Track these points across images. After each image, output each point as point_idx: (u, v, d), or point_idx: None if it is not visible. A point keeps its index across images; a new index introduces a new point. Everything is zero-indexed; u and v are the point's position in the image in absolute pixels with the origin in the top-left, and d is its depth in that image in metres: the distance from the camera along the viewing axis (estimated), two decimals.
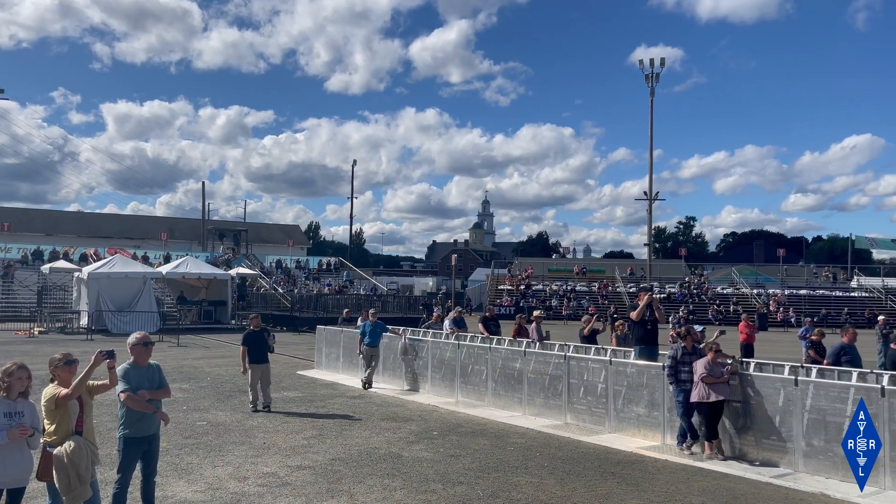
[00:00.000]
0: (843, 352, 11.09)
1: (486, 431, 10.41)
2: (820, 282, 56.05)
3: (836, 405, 7.99)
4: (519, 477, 7.81)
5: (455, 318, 16.59)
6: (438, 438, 9.82)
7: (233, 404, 12.26)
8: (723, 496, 7.22)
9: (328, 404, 12.60)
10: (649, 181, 50.65)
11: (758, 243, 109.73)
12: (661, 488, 7.47)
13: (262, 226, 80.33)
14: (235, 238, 54.01)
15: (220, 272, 35.49)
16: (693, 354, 9.19)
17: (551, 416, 11.28)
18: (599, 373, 10.71)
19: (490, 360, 12.67)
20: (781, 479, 7.91)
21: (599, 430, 10.41)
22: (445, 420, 11.30)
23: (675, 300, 48.10)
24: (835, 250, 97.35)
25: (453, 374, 13.47)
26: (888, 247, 64.80)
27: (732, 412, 8.97)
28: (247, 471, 7.89)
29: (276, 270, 48.02)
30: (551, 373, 11.48)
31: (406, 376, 14.77)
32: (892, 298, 47.94)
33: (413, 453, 8.86)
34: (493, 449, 9.21)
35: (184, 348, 22.62)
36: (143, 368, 5.87)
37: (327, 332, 18.05)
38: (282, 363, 18.17)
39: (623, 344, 13.47)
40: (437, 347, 14.11)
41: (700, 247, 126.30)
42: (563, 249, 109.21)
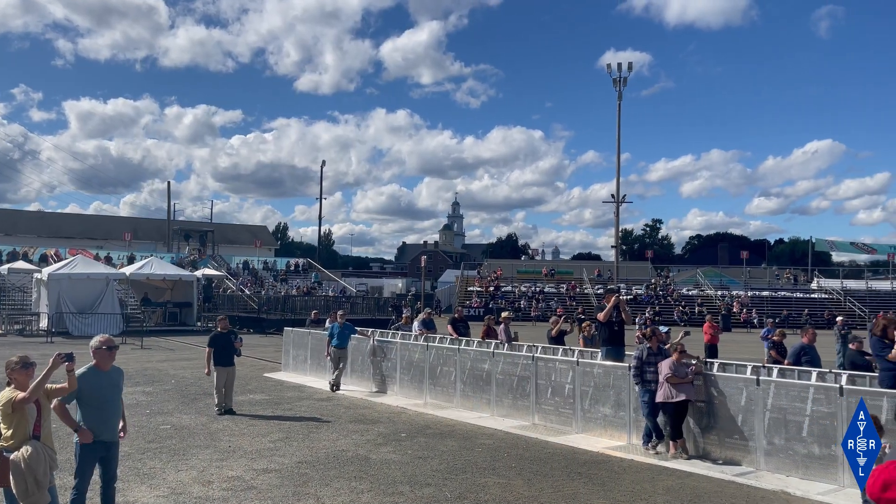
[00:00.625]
0: (803, 352, 11.34)
1: (455, 433, 10.41)
2: (782, 283, 57.31)
3: (797, 404, 8.16)
4: (487, 478, 7.82)
5: (424, 319, 16.56)
6: (406, 440, 9.79)
7: (197, 407, 12.07)
8: (687, 495, 7.33)
9: (295, 407, 12.48)
10: (616, 184, 51.24)
11: (722, 246, 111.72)
12: (627, 488, 7.55)
13: (228, 226, 79.29)
14: (201, 239, 53.22)
15: (186, 273, 34.93)
16: (658, 355, 9.31)
17: (519, 417, 11.33)
18: (567, 374, 10.79)
19: (459, 362, 12.68)
20: (743, 477, 8.05)
21: (567, 430, 10.49)
22: (414, 422, 11.27)
23: (642, 301, 48.72)
24: (796, 253, 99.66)
25: (422, 376, 13.45)
26: (847, 249, 66.55)
27: (697, 412, 9.11)
28: (211, 475, 7.77)
29: (243, 272, 47.44)
30: (519, 374, 11.53)
31: (374, 378, 14.71)
32: (851, 300, 49.21)
33: (381, 455, 8.82)
34: (462, 450, 9.21)
35: (148, 351, 22.22)
36: (104, 373, 5.72)
37: (295, 333, 17.88)
38: (248, 365, 17.96)
39: (590, 345, 13.59)
40: (406, 349, 14.08)
41: (666, 249, 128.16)
42: (532, 251, 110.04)
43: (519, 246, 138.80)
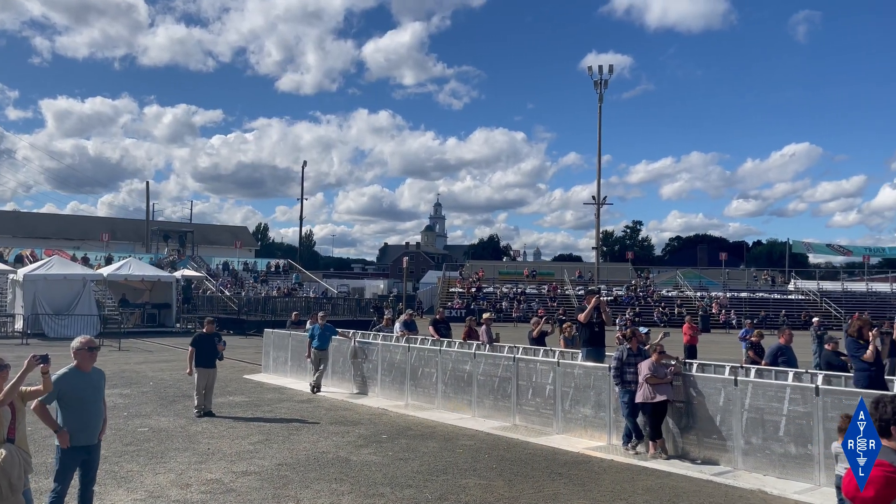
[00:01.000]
0: (780, 353, 11.47)
1: (436, 434, 10.40)
2: (759, 285, 57.98)
3: (774, 404, 8.26)
4: (468, 479, 7.83)
5: (405, 320, 16.52)
6: (387, 442, 9.77)
7: (176, 409, 11.95)
8: (666, 495, 7.38)
9: (275, 409, 12.40)
10: (597, 186, 51.57)
11: (701, 247, 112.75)
12: (607, 488, 7.59)
13: (208, 227, 78.63)
14: (181, 239, 52.73)
15: (165, 274, 34.58)
16: (638, 356, 9.38)
17: (500, 418, 11.35)
18: (548, 374, 10.83)
19: (440, 363, 12.68)
20: (722, 476, 8.13)
21: (547, 431, 10.53)
22: (395, 423, 11.25)
23: (622, 303, 49.04)
24: (773, 254, 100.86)
25: (403, 377, 13.43)
26: (823, 251, 67.55)
27: (676, 412, 9.19)
28: (190, 478, 7.70)
29: (223, 272, 47.05)
30: (500, 375, 11.56)
31: (355, 379, 14.66)
32: (827, 301, 49.92)
33: (361, 457, 8.79)
34: (443, 451, 9.21)
35: (125, 352, 21.95)
36: (84, 374, 5.67)
37: (275, 335, 17.77)
38: (228, 367, 17.81)
39: (571, 345, 13.65)
40: (387, 350, 14.05)
41: (646, 250, 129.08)
42: (513, 252, 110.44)
43: (501, 247, 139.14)
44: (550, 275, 59.99)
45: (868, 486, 2.09)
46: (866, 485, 2.11)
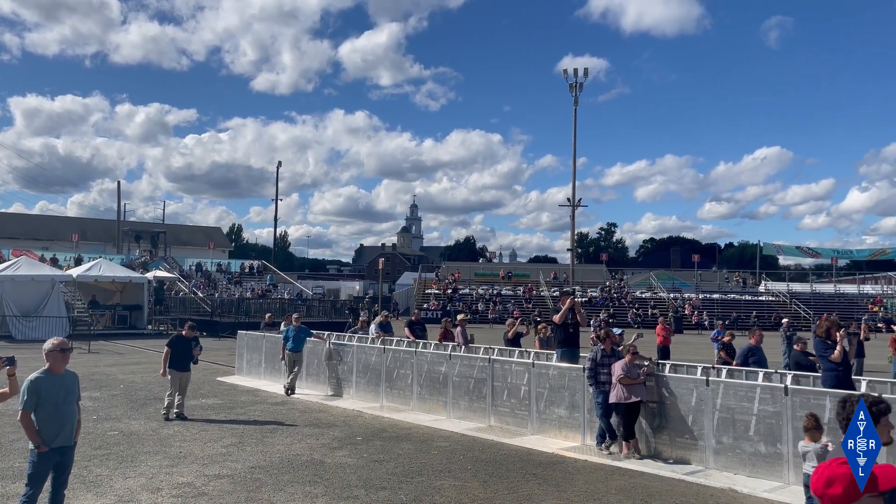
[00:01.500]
0: (751, 353, 11.65)
1: (411, 436, 10.38)
2: (731, 286, 58.84)
3: (744, 404, 8.38)
4: (442, 480, 7.82)
5: (381, 322, 16.48)
6: (362, 444, 9.73)
7: (147, 412, 11.78)
8: (639, 494, 7.45)
9: (249, 411, 12.29)
10: (572, 188, 51.93)
11: (674, 249, 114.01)
12: (581, 488, 7.64)
13: (181, 227, 77.68)
14: (153, 240, 52.00)
15: (136, 275, 34.10)
16: (612, 357, 9.45)
17: (475, 419, 11.36)
18: (523, 375, 10.87)
19: (416, 364, 12.66)
20: (693, 476, 8.23)
21: (522, 431, 10.56)
22: (370, 425, 11.21)
23: (597, 304, 49.42)
24: (745, 256, 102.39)
25: (378, 379, 13.38)
26: (793, 253, 68.78)
27: (649, 412, 9.28)
28: (161, 481, 7.59)
29: (196, 274, 46.52)
30: (476, 376, 11.57)
31: (330, 381, 14.58)
32: (797, 302, 50.80)
33: (336, 459, 8.74)
34: (418, 453, 9.19)
35: (95, 355, 21.58)
36: (57, 377, 5.60)
37: (249, 337, 17.61)
38: (201, 369, 17.57)
39: (546, 346, 13.72)
40: (363, 352, 13.99)
41: (620, 252, 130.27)
42: (489, 254, 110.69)
43: (477, 249, 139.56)
44: (526, 276, 60.26)
45: (835, 483, 2.14)
46: (834, 482, 2.15)
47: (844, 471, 2.17)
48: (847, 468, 2.17)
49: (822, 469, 2.23)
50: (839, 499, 2.14)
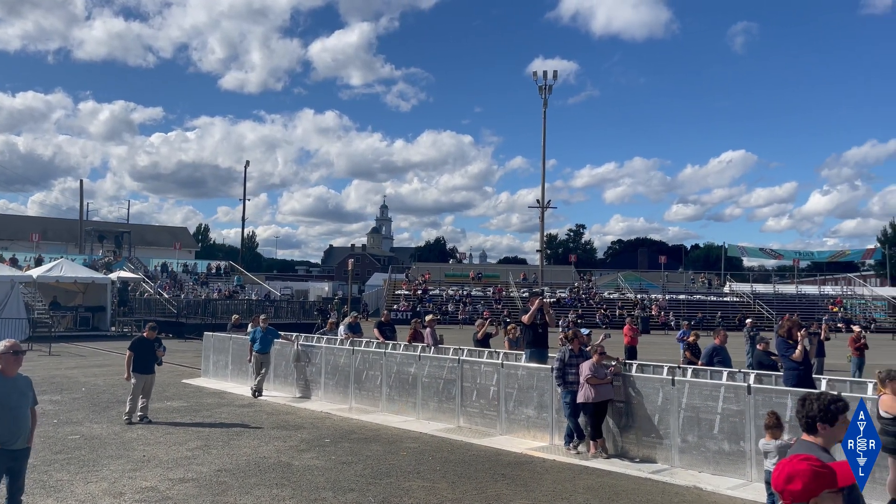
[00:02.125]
0: (715, 353, 11.84)
1: (380, 437, 10.34)
2: (697, 287, 59.80)
3: (709, 403, 8.51)
4: (411, 482, 7.80)
5: (350, 323, 16.38)
6: (330, 446, 9.66)
7: (110, 416, 11.55)
8: (606, 493, 7.52)
9: (215, 413, 12.12)
10: (542, 190, 52.27)
11: (642, 251, 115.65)
12: (549, 488, 7.69)
13: (146, 227, 76.31)
14: (117, 240, 50.98)
15: (99, 276, 33.41)
16: (580, 357, 9.52)
17: (445, 420, 11.36)
18: (492, 376, 10.90)
19: (385, 366, 12.62)
20: (659, 474, 8.33)
21: (491, 432, 10.59)
22: (338, 427, 11.13)
23: (566, 304, 49.81)
24: (710, 258, 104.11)
25: (347, 380, 13.31)
26: (756, 255, 70.15)
27: (616, 412, 9.37)
28: (123, 486, 7.44)
29: (162, 274, 45.74)
30: (445, 377, 11.57)
31: (298, 383, 14.45)
32: (760, 303, 51.81)
33: (304, 461, 8.67)
34: (386, 454, 9.16)
35: (56, 357, 21.10)
36: (10, 380, 5.46)
37: (215, 338, 17.37)
38: (166, 371, 17.30)
39: (515, 347, 13.77)
40: (331, 353, 13.90)
41: (589, 253, 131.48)
42: (459, 255, 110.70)
43: (447, 250, 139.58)
44: (496, 277, 60.49)
45: (795, 479, 2.18)
46: (794, 478, 2.19)
47: (805, 467, 2.22)
48: (807, 464, 2.22)
49: (783, 465, 2.27)
50: (799, 494, 2.19)
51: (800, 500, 2.19)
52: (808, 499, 2.18)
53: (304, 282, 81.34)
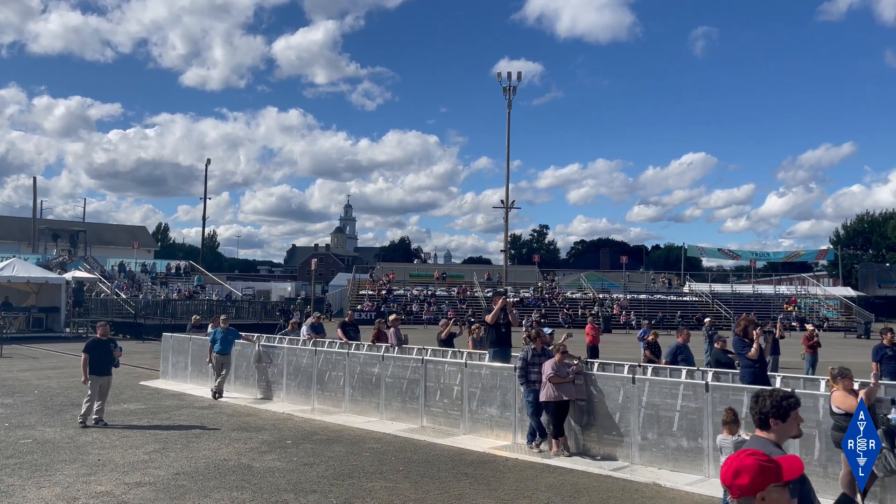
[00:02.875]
0: (679, 351, 12.06)
1: (342, 438, 10.27)
2: (657, 287, 60.78)
3: (668, 401, 8.66)
4: (374, 482, 7.77)
5: (313, 323, 16.26)
6: (292, 447, 9.56)
7: (63, 419, 11.25)
8: (567, 491, 7.59)
9: (174, 416, 11.89)
10: (506, 191, 52.56)
11: (604, 251, 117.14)
12: (511, 486, 7.72)
13: (103, 226, 74.60)
14: (72, 239, 49.72)
15: (53, 276, 32.54)
16: (542, 356, 9.60)
17: (408, 420, 11.34)
18: (455, 376, 10.91)
19: (348, 366, 12.54)
20: (619, 471, 8.44)
21: (455, 431, 10.61)
22: (300, 428, 11.02)
23: (529, 304, 50.16)
24: (670, 258, 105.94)
25: (310, 381, 13.19)
26: (715, 255, 71.56)
27: (578, 410, 9.47)
28: (77, 490, 7.26)
29: (119, 274, 44.75)
30: (409, 377, 11.55)
31: (259, 384, 14.28)
32: (718, 302, 52.89)
33: (265, 463, 8.56)
34: (349, 455, 9.10)
35: (8, 360, 20.47)
36: None
37: (174, 339, 17.06)
38: (123, 373, 16.91)
39: (479, 346, 13.81)
40: (294, 354, 13.76)
41: (552, 254, 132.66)
42: (424, 255, 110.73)
43: (412, 249, 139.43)
44: (460, 277, 60.64)
45: (742, 474, 2.23)
46: (741, 473, 2.24)
47: (752, 462, 2.26)
48: (754, 459, 2.27)
49: (731, 460, 2.31)
50: (746, 489, 2.24)
51: (747, 494, 2.24)
52: (755, 493, 2.23)
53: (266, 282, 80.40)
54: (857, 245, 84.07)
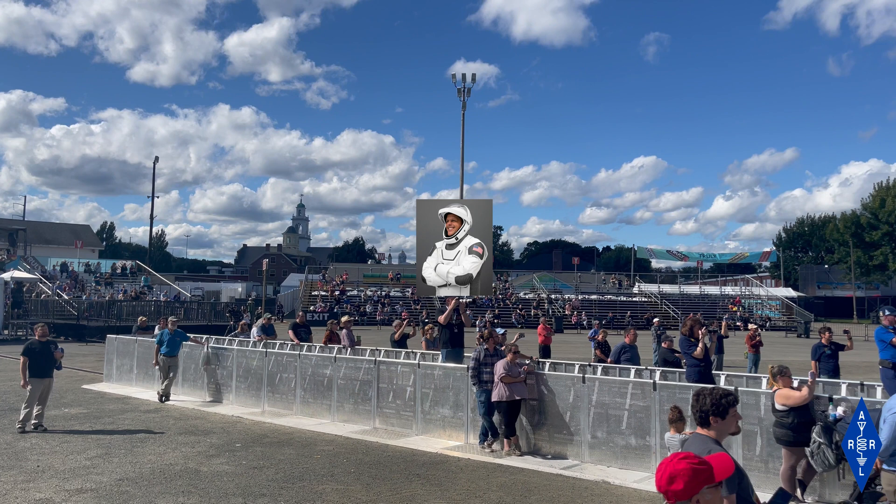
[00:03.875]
0: (623, 350, 12.28)
1: (293, 441, 10.15)
2: (608, 288, 61.79)
3: (617, 399, 8.81)
4: (324, 485, 7.69)
5: (263, 324, 16.02)
6: (241, 450, 9.40)
7: (1, 424, 10.82)
8: (518, 490, 7.65)
9: (118, 420, 11.56)
10: (461, 192, 52.70)
11: (556, 252, 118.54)
12: (463, 486, 7.75)
13: (45, 225, 71.99)
14: (11, 238, 47.95)
15: None
16: (495, 356, 9.66)
17: (360, 422, 11.27)
18: (408, 377, 10.89)
19: (299, 368, 12.39)
20: (570, 470, 8.55)
21: (407, 433, 10.59)
22: (250, 431, 10.85)
23: (482, 305, 50.40)
24: (621, 259, 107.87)
25: (260, 383, 12.99)
26: (664, 257, 73.15)
27: (529, 410, 9.55)
28: (15, 498, 6.99)
29: (62, 274, 43.29)
30: (362, 378, 11.48)
31: (208, 387, 13.99)
32: (667, 302, 54.07)
33: (212, 468, 8.39)
34: (299, 458, 8.99)
35: None
36: None
37: (119, 341, 16.59)
38: (65, 376, 16.36)
39: (432, 347, 13.82)
40: (244, 356, 13.53)
41: (506, 255, 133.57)
42: (378, 255, 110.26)
43: (366, 250, 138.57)
44: (415, 278, 60.46)
45: (677, 479, 2.23)
46: (675, 479, 2.24)
47: (684, 466, 2.26)
48: (686, 463, 2.26)
49: (664, 466, 2.30)
50: (682, 494, 2.24)
51: (682, 499, 2.24)
52: (690, 496, 2.24)
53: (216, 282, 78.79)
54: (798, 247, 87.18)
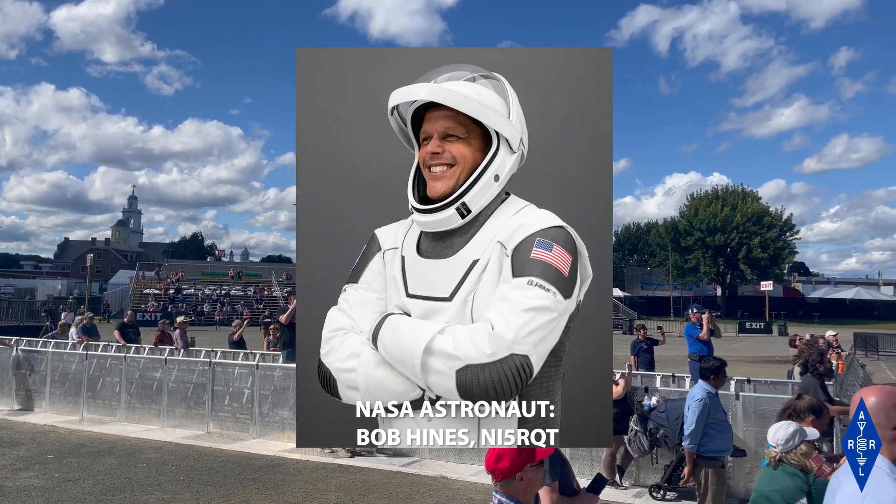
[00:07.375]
0: None
1: (115, 449, 9.42)
2: None
3: None
4: (150, 495, 7.21)
5: (84, 325, 14.72)
6: (54, 462, 8.57)
7: None
8: (357, 489, 7.62)
9: None
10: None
11: None
12: (301, 488, 7.59)
13: None
14: None
15: None
16: None
17: (193, 427, 10.71)
18: (246, 378, 10.52)
19: (125, 371, 11.54)
20: (409, 467, 8.65)
21: (244, 436, 10.21)
22: (65, 441, 9.93)
23: None
24: None
25: (79, 389, 11.94)
26: None
27: None
28: None
29: None
30: (195, 381, 10.92)
31: (17, 394, 12.65)
32: None
33: (19, 482, 7.58)
34: (122, 468, 8.36)
35: None
36: None
37: None
38: None
39: (275, 348, 13.43)
40: (60, 359, 12.38)
41: None
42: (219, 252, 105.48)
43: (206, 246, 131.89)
44: (258, 276, 58.57)
45: (504, 458, 2.42)
46: (502, 457, 2.42)
47: (510, 447, 2.46)
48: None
49: (492, 450, 2.49)
50: (507, 471, 2.44)
51: (508, 476, 2.43)
52: (514, 474, 2.42)
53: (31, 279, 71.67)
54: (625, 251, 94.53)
